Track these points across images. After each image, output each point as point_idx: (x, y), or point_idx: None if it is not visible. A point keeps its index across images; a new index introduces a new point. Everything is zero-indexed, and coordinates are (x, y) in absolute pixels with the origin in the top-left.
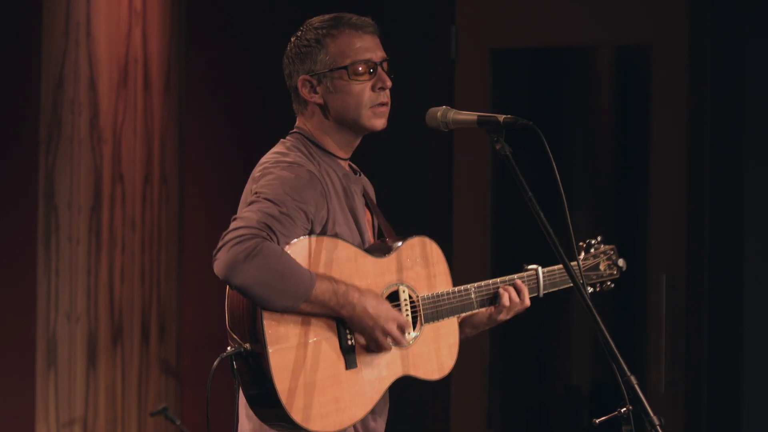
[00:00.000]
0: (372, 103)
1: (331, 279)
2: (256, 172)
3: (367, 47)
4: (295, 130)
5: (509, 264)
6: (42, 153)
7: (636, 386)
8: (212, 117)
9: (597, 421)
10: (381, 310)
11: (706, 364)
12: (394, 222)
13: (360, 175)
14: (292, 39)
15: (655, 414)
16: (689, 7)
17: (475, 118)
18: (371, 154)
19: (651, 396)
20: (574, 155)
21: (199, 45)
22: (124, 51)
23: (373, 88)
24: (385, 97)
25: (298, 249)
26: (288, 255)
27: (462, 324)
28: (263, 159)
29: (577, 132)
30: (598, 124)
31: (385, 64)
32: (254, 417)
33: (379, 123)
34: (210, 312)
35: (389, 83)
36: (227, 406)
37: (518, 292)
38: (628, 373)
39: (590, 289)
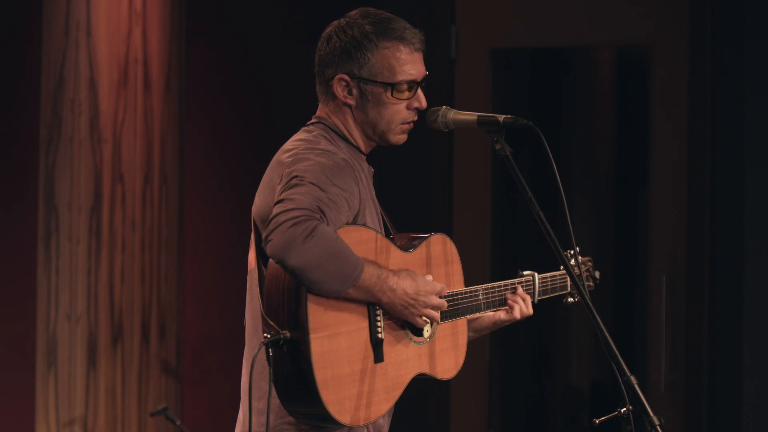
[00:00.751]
0: (403, 121)
1: (375, 264)
2: (285, 157)
3: (415, 66)
4: (316, 120)
5: (509, 264)
6: (42, 153)
7: (636, 386)
8: (212, 117)
9: (597, 421)
10: (418, 287)
11: (706, 364)
12: (394, 222)
13: (372, 171)
14: (336, 24)
15: (655, 414)
16: (689, 7)
17: (475, 118)
18: (371, 153)
19: (651, 396)
20: (574, 155)
21: (199, 45)
22: (124, 51)
23: (408, 107)
24: (416, 115)
25: (343, 236)
26: (341, 238)
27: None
28: (288, 145)
29: (577, 132)
30: (598, 124)
31: (423, 82)
32: (264, 411)
33: (402, 139)
34: (210, 312)
35: (425, 104)
36: (228, 406)
37: (523, 301)
38: (628, 373)
39: (570, 299)
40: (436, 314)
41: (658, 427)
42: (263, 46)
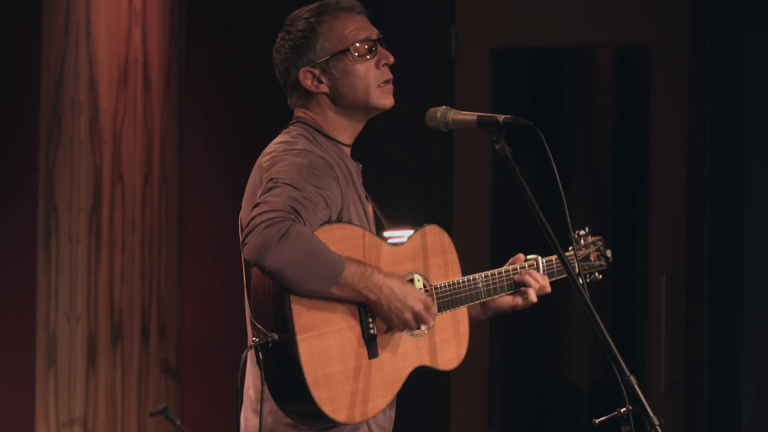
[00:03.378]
0: (378, 81)
1: (357, 261)
2: (264, 161)
3: (363, 27)
4: (295, 119)
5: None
6: (42, 153)
7: (636, 386)
8: (212, 117)
9: (597, 421)
10: (407, 290)
11: (706, 364)
12: (393, 222)
13: (360, 166)
14: (281, 34)
15: (655, 414)
16: (689, 7)
17: (475, 118)
18: (371, 153)
19: (651, 396)
20: (574, 155)
21: (199, 45)
22: (124, 51)
23: (377, 66)
24: (389, 73)
25: (322, 235)
26: (318, 238)
27: (483, 306)
28: (269, 149)
29: (577, 132)
30: (598, 124)
31: (381, 41)
32: (260, 411)
33: (389, 101)
34: (210, 312)
35: (392, 58)
36: (228, 406)
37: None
38: (628, 373)
39: (580, 280)
40: (415, 325)
41: (657, 427)
42: (263, 46)
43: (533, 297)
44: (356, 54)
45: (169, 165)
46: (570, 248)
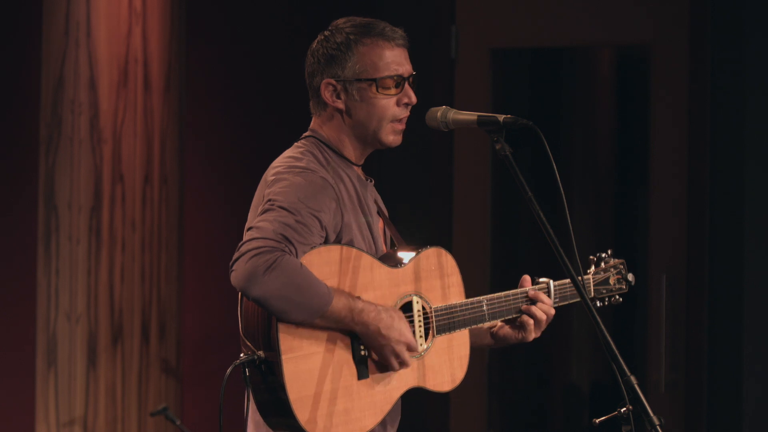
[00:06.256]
0: (394, 118)
1: (348, 296)
2: (269, 175)
3: (398, 61)
4: (309, 133)
5: (509, 265)
6: (42, 153)
7: (636, 386)
8: (212, 117)
9: (597, 421)
10: (393, 331)
11: (706, 364)
12: (393, 222)
13: (371, 182)
14: (320, 37)
15: (655, 414)
16: (689, 7)
17: (475, 118)
18: (370, 153)
19: (651, 396)
20: (574, 155)
21: (199, 45)
22: (124, 51)
23: (398, 103)
24: (407, 112)
25: (315, 258)
26: (306, 269)
27: (493, 335)
28: (276, 162)
29: (577, 132)
30: (598, 124)
31: (411, 79)
32: (262, 423)
33: (397, 140)
34: (210, 312)
35: (415, 100)
36: (229, 411)
37: (541, 301)
38: (628, 373)
39: (599, 303)
40: (396, 366)
41: (658, 427)
42: (263, 46)
43: (535, 334)
44: (382, 86)
45: (169, 165)
46: (589, 270)
